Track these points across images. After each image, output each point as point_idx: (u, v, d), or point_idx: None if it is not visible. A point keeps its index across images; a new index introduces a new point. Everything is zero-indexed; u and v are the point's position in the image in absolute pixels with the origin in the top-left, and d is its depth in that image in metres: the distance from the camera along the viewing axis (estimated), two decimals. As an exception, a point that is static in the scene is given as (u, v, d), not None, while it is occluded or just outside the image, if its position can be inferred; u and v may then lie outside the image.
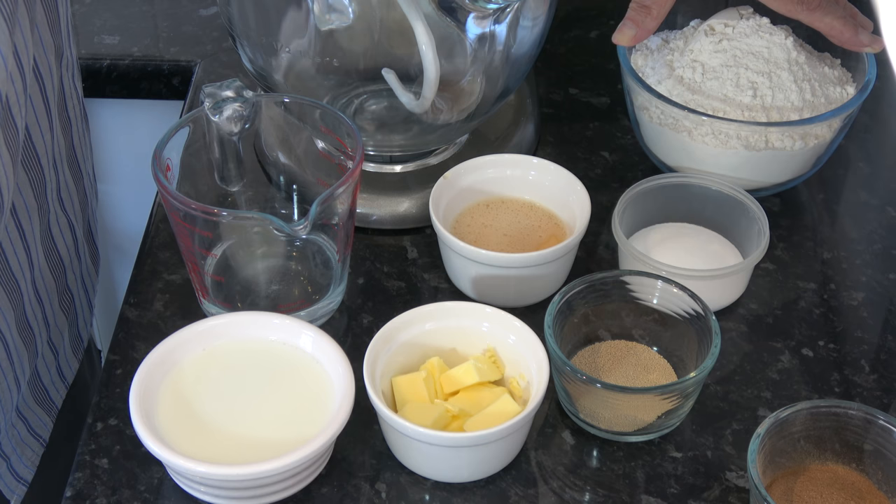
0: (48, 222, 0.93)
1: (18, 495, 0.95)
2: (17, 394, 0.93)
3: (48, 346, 0.96)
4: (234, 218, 0.84)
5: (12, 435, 0.94)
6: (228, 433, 0.79)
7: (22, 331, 0.91)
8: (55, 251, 0.95)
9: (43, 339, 0.95)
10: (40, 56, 0.86)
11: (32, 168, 0.88)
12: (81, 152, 0.98)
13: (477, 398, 0.82)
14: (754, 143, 0.94)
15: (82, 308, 1.02)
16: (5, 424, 0.92)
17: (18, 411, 0.94)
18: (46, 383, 0.97)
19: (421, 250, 0.97)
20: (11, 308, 0.89)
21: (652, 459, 0.83)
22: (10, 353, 0.90)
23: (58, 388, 0.99)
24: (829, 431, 0.80)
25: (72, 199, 0.97)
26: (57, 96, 0.90)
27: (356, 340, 0.90)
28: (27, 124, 0.86)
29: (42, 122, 0.88)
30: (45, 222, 0.92)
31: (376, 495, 0.81)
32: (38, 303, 0.93)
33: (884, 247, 0.98)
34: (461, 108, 0.93)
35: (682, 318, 0.86)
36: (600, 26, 1.18)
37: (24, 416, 0.95)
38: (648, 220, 0.96)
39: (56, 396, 0.99)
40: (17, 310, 0.90)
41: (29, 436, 0.96)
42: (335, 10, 0.89)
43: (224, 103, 0.87)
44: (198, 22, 1.19)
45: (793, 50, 0.97)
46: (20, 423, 0.95)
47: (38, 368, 0.96)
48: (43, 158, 0.89)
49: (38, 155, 0.88)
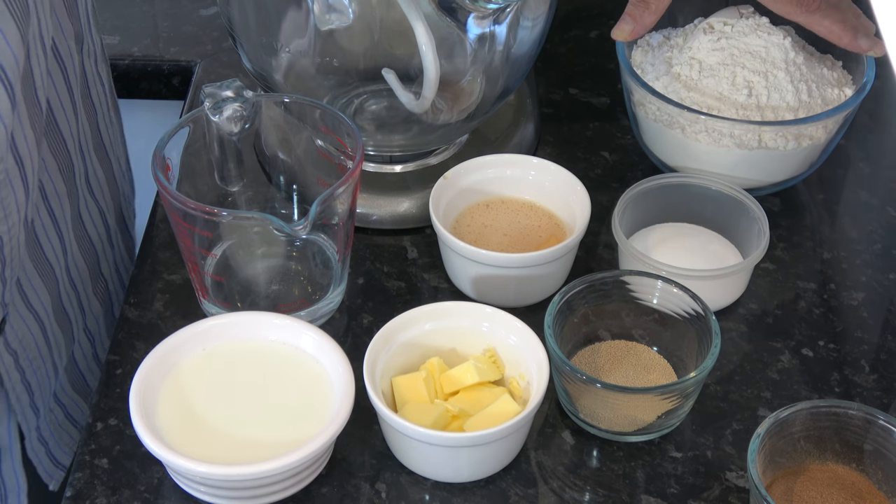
0: (78, 208, 0.93)
1: (56, 480, 0.97)
2: (55, 379, 0.94)
3: (84, 334, 0.98)
4: (234, 218, 0.84)
5: (50, 420, 0.95)
6: (228, 433, 0.79)
7: (59, 316, 0.92)
8: (87, 237, 0.96)
9: (79, 325, 0.96)
10: (59, 39, 0.87)
11: (59, 152, 0.89)
12: (109, 140, 0.99)
13: (477, 398, 0.82)
14: (747, 141, 0.94)
15: (117, 295, 1.03)
16: (44, 409, 0.93)
17: (56, 397, 0.95)
18: (83, 369, 0.99)
19: (421, 250, 0.97)
20: (48, 292, 0.90)
21: (652, 459, 0.83)
22: (48, 338, 0.91)
23: (94, 375, 1.00)
24: (829, 431, 0.80)
25: (101, 185, 0.97)
26: (80, 82, 0.91)
27: (356, 340, 0.90)
28: (52, 107, 0.87)
29: (66, 106, 0.89)
30: (76, 208, 0.93)
31: (376, 495, 0.81)
32: (73, 289, 0.94)
33: (884, 247, 0.98)
34: (461, 108, 0.93)
35: (682, 318, 0.86)
36: (600, 26, 1.18)
37: (61, 401, 0.96)
38: (648, 220, 0.96)
39: (92, 382, 1.00)
40: (53, 295, 0.91)
41: (66, 421, 0.97)
42: (335, 10, 0.89)
43: (224, 103, 0.87)
44: (198, 22, 1.19)
45: (791, 50, 0.97)
46: (58, 409, 0.96)
47: (74, 355, 0.97)
48: (69, 142, 0.90)
49: (63, 139, 0.89)
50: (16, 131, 0.80)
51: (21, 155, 0.81)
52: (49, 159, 0.88)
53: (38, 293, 0.89)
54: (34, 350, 0.90)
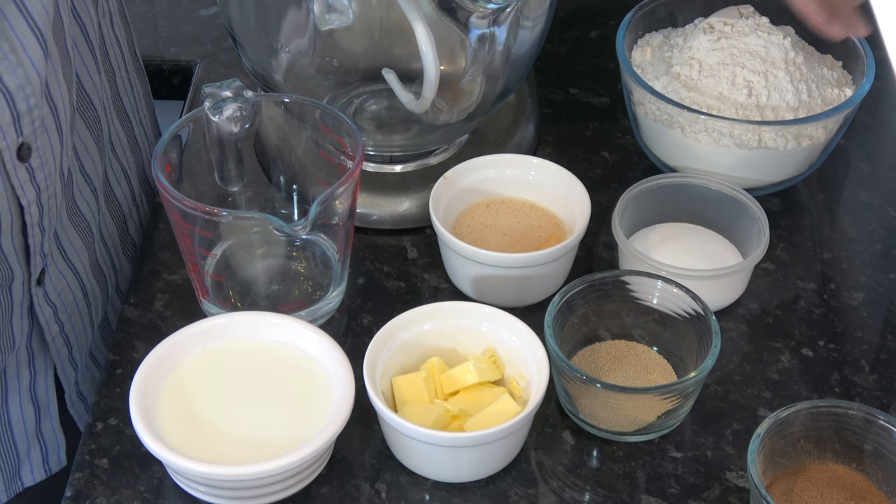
0: (105, 167, 0.94)
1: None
2: (91, 336, 0.96)
3: (116, 293, 0.99)
4: (234, 218, 0.84)
5: (88, 377, 0.97)
6: (228, 433, 0.79)
7: (95, 272, 0.94)
8: (114, 196, 0.97)
9: (112, 284, 0.98)
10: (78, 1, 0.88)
11: (87, 109, 0.90)
12: (131, 102, 0.99)
13: (477, 398, 0.82)
14: (747, 141, 0.94)
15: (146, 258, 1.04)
16: (81, 365, 0.95)
17: (92, 355, 0.97)
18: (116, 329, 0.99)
19: (421, 250, 0.97)
20: (84, 248, 0.91)
21: (652, 459, 0.83)
22: (87, 294, 0.93)
23: None
24: (829, 431, 0.80)
25: (123, 146, 0.98)
26: (98, 42, 0.92)
27: (356, 340, 0.90)
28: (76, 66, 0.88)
29: (89, 65, 0.90)
30: (104, 166, 0.94)
31: (376, 495, 0.81)
32: (105, 247, 0.95)
33: (884, 247, 0.98)
34: (461, 108, 0.93)
35: (682, 318, 0.86)
36: (600, 26, 1.18)
37: (96, 359, 0.98)
38: (648, 220, 0.96)
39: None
40: (90, 250, 0.92)
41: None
42: (335, 10, 0.89)
43: (224, 103, 0.87)
44: (198, 22, 1.19)
45: (791, 50, 0.97)
46: (94, 366, 0.98)
47: (107, 314, 0.98)
48: (95, 101, 0.91)
49: (89, 96, 0.90)
50: (49, 79, 0.80)
51: (55, 103, 0.82)
52: (77, 119, 0.89)
53: (75, 248, 0.90)
54: (72, 304, 0.91)
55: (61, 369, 0.92)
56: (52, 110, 0.82)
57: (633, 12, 1.02)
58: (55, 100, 0.82)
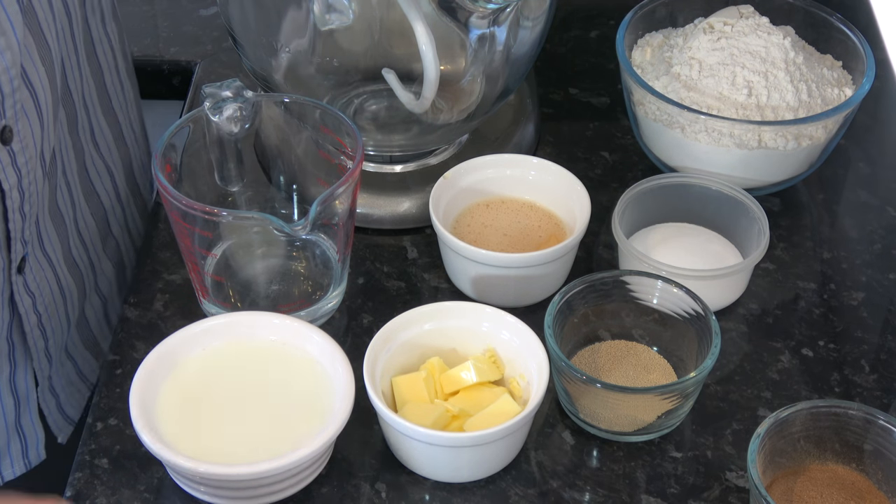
0: (84, 162, 0.94)
1: (65, 434, 0.98)
2: (67, 331, 0.95)
3: (95, 292, 0.99)
4: (234, 218, 0.84)
5: (62, 373, 0.96)
6: (228, 433, 0.79)
7: (70, 268, 0.93)
8: (94, 194, 0.96)
9: (90, 282, 0.97)
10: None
11: (66, 102, 0.90)
12: (117, 101, 0.99)
13: (477, 398, 0.82)
14: (747, 141, 0.94)
15: (129, 258, 1.04)
16: (56, 360, 0.94)
17: (67, 351, 0.96)
18: (94, 327, 1.00)
19: (421, 250, 0.97)
20: (59, 242, 0.91)
21: (652, 459, 0.83)
22: (63, 288, 0.92)
23: (104, 335, 1.01)
24: (829, 431, 0.80)
25: (108, 144, 0.98)
26: (83, 37, 0.91)
27: (356, 340, 0.90)
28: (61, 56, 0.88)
29: (71, 58, 0.89)
30: (82, 161, 0.94)
31: (376, 495, 0.81)
32: (82, 243, 0.95)
33: (884, 247, 0.98)
34: (461, 108, 0.93)
35: (682, 318, 0.86)
36: (600, 26, 1.18)
37: (72, 356, 0.97)
38: (648, 220, 0.96)
39: (102, 342, 1.01)
40: (64, 245, 0.92)
41: (77, 378, 0.98)
42: (335, 10, 0.89)
43: (224, 103, 0.87)
44: (198, 22, 1.19)
45: (791, 50, 0.97)
46: (69, 363, 0.97)
47: (85, 311, 0.98)
48: (75, 94, 0.91)
49: (70, 90, 0.90)
50: (25, 62, 0.80)
51: (34, 86, 0.82)
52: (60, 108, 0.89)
53: (51, 240, 0.90)
54: (49, 296, 0.91)
55: (37, 361, 0.92)
56: (31, 93, 0.82)
57: (633, 12, 1.02)
58: (34, 83, 0.82)
